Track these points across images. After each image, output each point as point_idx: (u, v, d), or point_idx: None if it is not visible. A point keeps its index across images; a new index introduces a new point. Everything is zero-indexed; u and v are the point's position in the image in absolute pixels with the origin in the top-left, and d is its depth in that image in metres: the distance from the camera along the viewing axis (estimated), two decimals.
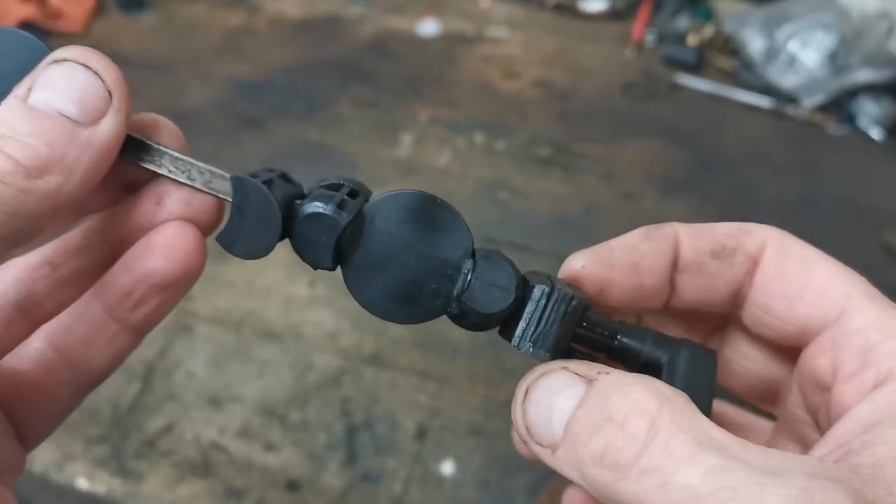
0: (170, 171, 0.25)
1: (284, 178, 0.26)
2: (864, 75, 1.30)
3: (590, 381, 0.23)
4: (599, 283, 0.27)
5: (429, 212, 0.25)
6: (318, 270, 0.26)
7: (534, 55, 1.49)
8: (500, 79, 1.41)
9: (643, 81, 1.40)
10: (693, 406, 0.21)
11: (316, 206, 0.25)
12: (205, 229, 0.26)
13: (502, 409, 0.80)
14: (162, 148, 0.25)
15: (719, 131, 1.28)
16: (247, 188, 0.25)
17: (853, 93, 1.30)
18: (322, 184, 0.26)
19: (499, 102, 1.34)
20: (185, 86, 1.36)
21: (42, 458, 0.75)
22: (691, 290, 0.28)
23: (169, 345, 0.87)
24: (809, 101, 1.31)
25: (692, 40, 1.47)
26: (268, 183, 0.25)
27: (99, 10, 1.58)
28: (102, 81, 0.22)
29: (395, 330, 0.89)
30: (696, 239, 0.27)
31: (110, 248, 0.26)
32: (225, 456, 0.76)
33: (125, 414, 0.79)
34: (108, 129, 0.22)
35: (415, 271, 0.26)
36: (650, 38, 1.51)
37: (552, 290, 0.25)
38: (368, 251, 0.26)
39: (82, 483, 0.73)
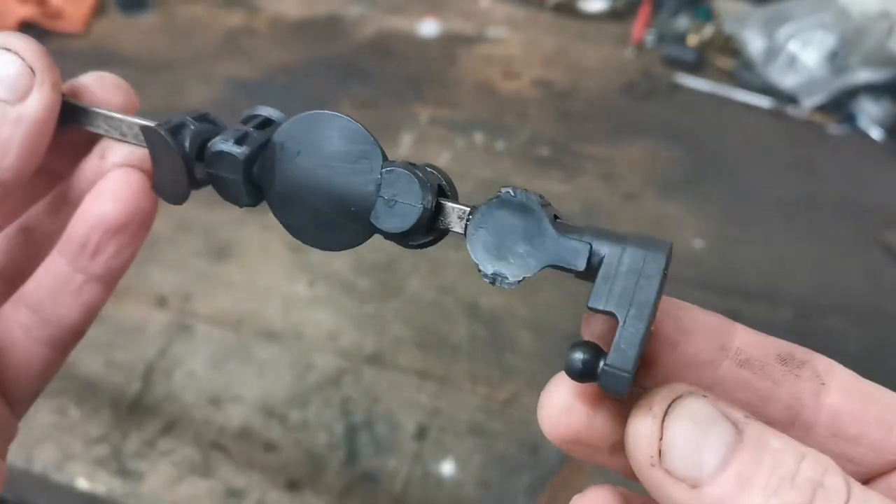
0: (105, 130, 0.27)
1: (203, 119, 0.26)
2: (864, 75, 1.30)
3: (735, 424, 0.21)
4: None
5: (332, 131, 0.24)
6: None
7: (534, 55, 1.49)
8: (500, 79, 1.41)
9: (643, 81, 1.40)
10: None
11: (217, 145, 0.25)
12: (150, 176, 0.27)
13: (502, 409, 0.80)
14: (95, 110, 0.26)
15: (719, 131, 1.28)
16: (154, 138, 0.25)
17: (853, 93, 1.30)
18: (242, 118, 0.26)
19: (499, 102, 1.34)
20: (185, 86, 1.36)
21: (42, 458, 0.75)
22: (746, 391, 0.25)
23: (169, 345, 0.87)
24: (809, 101, 1.31)
25: (692, 40, 1.47)
26: (176, 129, 0.25)
27: (99, 10, 1.58)
28: (23, 59, 0.24)
29: (396, 330, 0.89)
30: (760, 338, 0.25)
31: (73, 208, 0.27)
32: (225, 456, 0.76)
33: (125, 414, 0.79)
34: (36, 102, 0.24)
35: (332, 196, 0.24)
36: (650, 38, 1.51)
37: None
38: (283, 180, 0.25)
39: (82, 483, 0.73)
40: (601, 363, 0.21)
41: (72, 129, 0.27)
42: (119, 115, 0.26)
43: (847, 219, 1.10)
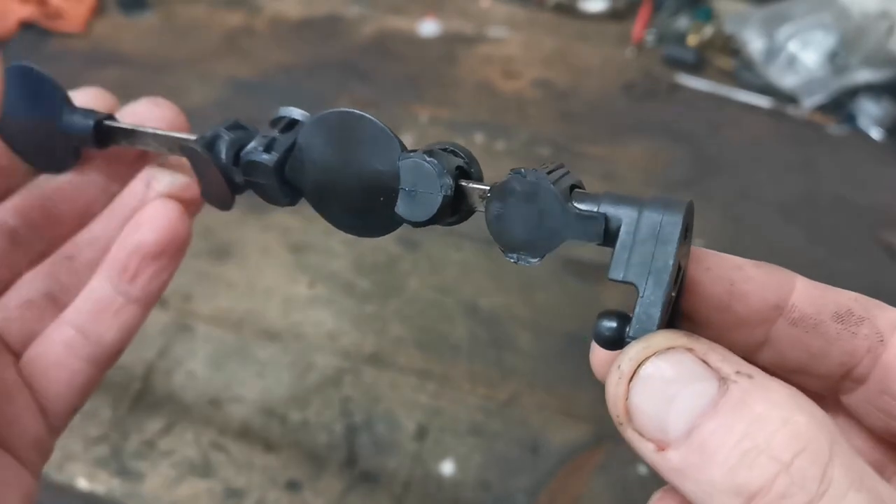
0: (153, 147, 0.29)
1: (235, 127, 0.27)
2: (864, 75, 1.30)
3: (723, 381, 0.19)
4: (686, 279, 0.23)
5: (352, 128, 0.25)
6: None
7: (534, 55, 1.49)
8: (500, 79, 1.41)
9: (643, 81, 1.40)
10: (853, 449, 0.18)
11: (248, 154, 0.26)
12: (189, 204, 0.30)
13: (502, 409, 0.80)
14: (141, 129, 0.29)
15: (719, 131, 1.28)
16: (192, 153, 0.27)
17: (853, 93, 1.30)
18: (270, 119, 0.27)
19: (499, 102, 1.34)
20: (185, 86, 1.36)
21: None
22: (797, 349, 0.24)
23: (169, 345, 0.87)
24: (809, 101, 1.31)
25: (692, 40, 1.47)
26: (211, 142, 0.27)
27: (99, 10, 1.58)
28: None
29: (396, 330, 0.89)
30: (817, 294, 0.24)
31: (116, 233, 0.30)
32: (225, 456, 0.76)
33: (125, 414, 0.79)
34: None
35: (360, 188, 0.25)
36: (650, 38, 1.51)
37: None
38: (315, 177, 0.26)
39: (82, 483, 0.73)
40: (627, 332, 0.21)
41: (116, 150, 0.29)
42: (161, 132, 0.28)
43: (847, 219, 1.10)
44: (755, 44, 1.39)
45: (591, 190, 0.24)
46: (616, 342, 0.21)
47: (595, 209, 0.22)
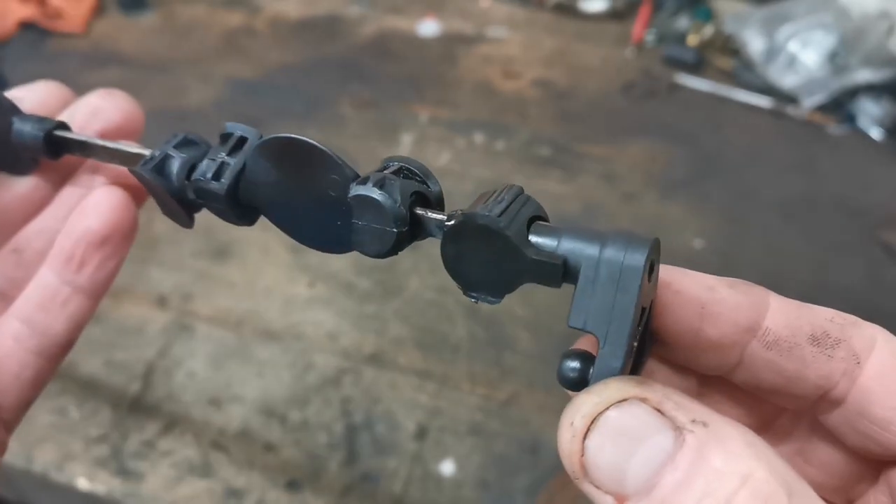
0: (108, 160, 0.29)
1: (185, 143, 0.27)
2: (864, 75, 1.30)
3: (679, 431, 0.18)
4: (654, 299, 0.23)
5: (301, 155, 0.24)
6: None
7: (534, 55, 1.49)
8: (500, 79, 1.41)
9: (643, 81, 1.40)
10: (812, 495, 0.18)
11: (199, 182, 0.26)
12: (136, 191, 0.29)
13: (502, 409, 0.80)
14: (91, 141, 0.28)
15: (719, 131, 1.28)
16: (142, 179, 0.27)
17: (853, 93, 1.30)
18: (221, 133, 0.27)
19: (499, 102, 1.34)
20: (185, 86, 1.36)
21: (42, 458, 0.75)
22: (772, 371, 0.23)
23: (169, 345, 0.87)
24: (809, 101, 1.31)
25: (692, 40, 1.47)
26: (161, 165, 0.26)
27: (99, 10, 1.58)
28: None
29: (396, 330, 0.89)
30: (792, 314, 0.23)
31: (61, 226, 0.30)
32: (225, 456, 0.76)
33: (125, 414, 0.79)
34: None
35: (314, 211, 0.25)
36: (650, 38, 1.51)
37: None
38: (270, 199, 0.26)
39: (82, 483, 0.73)
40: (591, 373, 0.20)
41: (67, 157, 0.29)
42: (111, 145, 0.28)
43: (847, 219, 1.10)
44: (755, 44, 1.39)
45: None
46: (580, 383, 0.20)
47: (555, 244, 0.21)
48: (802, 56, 1.35)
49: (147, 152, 0.27)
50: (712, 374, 0.25)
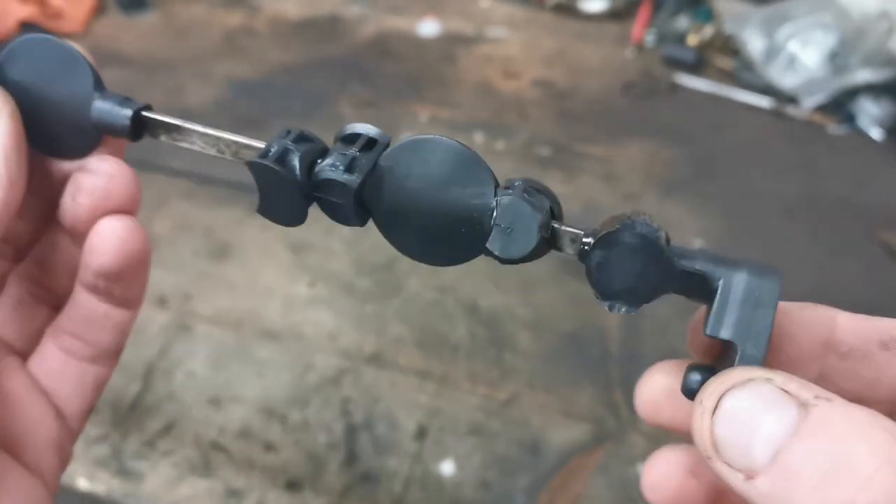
0: (202, 148, 0.27)
1: (302, 139, 0.26)
2: (864, 75, 1.30)
3: (803, 406, 0.19)
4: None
5: (444, 157, 0.25)
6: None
7: (534, 55, 1.49)
8: (500, 79, 1.41)
9: (643, 81, 1.40)
10: None
11: (328, 172, 0.25)
12: (127, 207, 0.28)
13: (502, 409, 0.80)
14: (189, 126, 0.27)
15: (719, 131, 1.28)
16: (262, 171, 0.26)
17: (853, 93, 1.30)
18: (341, 135, 0.26)
19: (499, 102, 1.34)
20: (185, 86, 1.36)
21: None
22: (851, 380, 0.25)
23: (169, 345, 0.87)
24: (809, 101, 1.31)
25: (692, 40, 1.47)
26: (282, 157, 0.25)
27: (99, 10, 1.58)
28: None
29: (396, 330, 0.89)
30: (860, 325, 0.25)
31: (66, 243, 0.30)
32: (225, 456, 0.76)
33: (125, 414, 0.79)
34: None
35: (441, 217, 0.25)
36: (650, 38, 1.51)
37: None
38: (392, 202, 0.25)
39: (82, 483, 0.73)
40: None
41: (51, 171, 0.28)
42: (217, 132, 0.27)
43: (847, 219, 1.10)
44: (755, 44, 1.39)
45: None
46: None
47: (693, 266, 0.23)
48: (802, 56, 1.35)
49: (257, 143, 0.26)
50: None
